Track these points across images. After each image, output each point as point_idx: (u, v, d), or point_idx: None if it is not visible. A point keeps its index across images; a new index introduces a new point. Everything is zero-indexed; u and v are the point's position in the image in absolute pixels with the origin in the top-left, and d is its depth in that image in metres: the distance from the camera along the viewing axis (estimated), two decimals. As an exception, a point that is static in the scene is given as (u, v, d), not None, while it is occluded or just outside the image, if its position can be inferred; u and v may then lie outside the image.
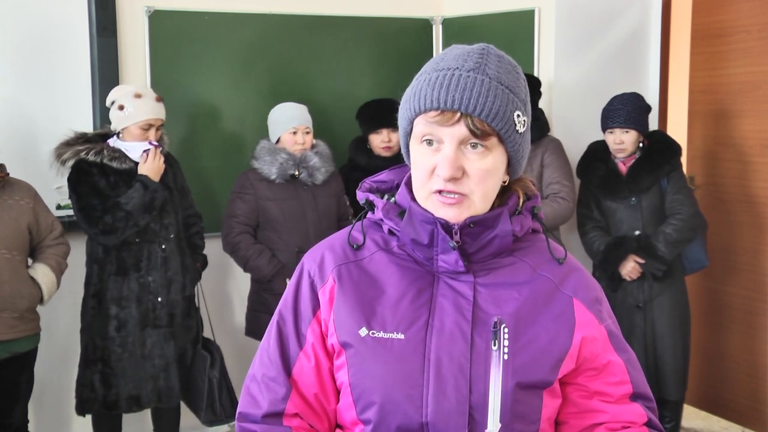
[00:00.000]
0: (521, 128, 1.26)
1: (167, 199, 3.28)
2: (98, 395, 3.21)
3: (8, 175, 3.02)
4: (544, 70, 4.01)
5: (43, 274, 3.06)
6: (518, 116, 1.25)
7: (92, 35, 3.60)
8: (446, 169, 1.22)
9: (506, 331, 1.26)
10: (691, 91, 4.20)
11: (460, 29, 4.29)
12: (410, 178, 1.32)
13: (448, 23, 4.33)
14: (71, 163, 3.17)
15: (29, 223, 3.04)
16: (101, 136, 3.29)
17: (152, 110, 3.24)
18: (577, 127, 3.99)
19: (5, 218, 2.96)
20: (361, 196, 1.39)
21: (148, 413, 3.56)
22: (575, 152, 3.75)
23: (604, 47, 4.11)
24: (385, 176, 1.40)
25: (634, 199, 3.54)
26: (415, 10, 4.32)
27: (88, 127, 3.52)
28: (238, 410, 1.36)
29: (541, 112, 3.73)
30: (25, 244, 3.04)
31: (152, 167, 3.21)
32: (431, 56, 4.13)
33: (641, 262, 3.50)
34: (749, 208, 3.94)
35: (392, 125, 3.69)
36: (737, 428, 4.05)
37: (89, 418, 3.33)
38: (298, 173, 3.49)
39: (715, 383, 4.16)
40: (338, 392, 1.33)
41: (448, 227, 1.26)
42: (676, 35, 4.29)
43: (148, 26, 3.72)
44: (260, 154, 3.51)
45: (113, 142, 3.25)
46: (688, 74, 4.20)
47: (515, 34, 4.06)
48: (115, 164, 3.18)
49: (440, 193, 1.25)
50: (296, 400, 1.32)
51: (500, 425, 1.23)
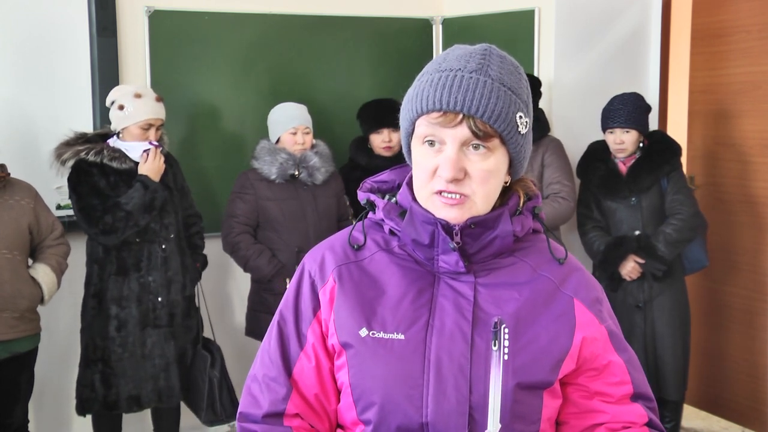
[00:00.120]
0: (523, 129, 1.26)
1: (167, 199, 3.28)
2: (98, 395, 3.21)
3: (9, 175, 3.03)
4: (544, 70, 4.01)
5: (43, 273, 3.06)
6: (520, 117, 1.25)
7: (92, 35, 3.60)
8: (448, 170, 1.22)
9: (506, 331, 1.26)
10: (691, 91, 4.20)
11: (460, 29, 4.28)
12: (411, 178, 1.32)
13: (448, 23, 4.32)
14: (71, 163, 3.17)
15: (30, 223, 3.04)
16: (101, 136, 3.29)
17: (152, 110, 3.24)
18: (577, 127, 3.99)
19: (6, 218, 2.97)
20: (362, 196, 1.38)
21: (148, 413, 3.56)
22: (575, 152, 3.75)
23: (604, 47, 4.11)
24: (386, 176, 1.40)
25: (634, 199, 3.54)
26: (415, 10, 4.32)
27: (88, 127, 3.52)
28: (239, 410, 1.36)
29: (541, 112, 3.73)
30: (25, 244, 3.04)
31: (152, 167, 3.21)
32: (431, 56, 4.15)
33: (641, 262, 3.50)
34: (749, 208, 3.94)
35: (393, 125, 3.69)
36: (737, 428, 4.05)
37: (89, 418, 3.33)
38: (298, 173, 3.49)
39: (715, 383, 4.16)
40: (339, 392, 1.33)
41: (448, 228, 1.26)
42: (676, 35, 4.29)
43: (148, 26, 3.72)
44: (260, 154, 3.51)
45: (113, 142, 3.25)
46: (688, 74, 4.20)
47: (515, 34, 4.06)
48: (115, 164, 3.18)
49: (441, 193, 1.25)
50: (297, 400, 1.32)
51: (500, 425, 1.23)
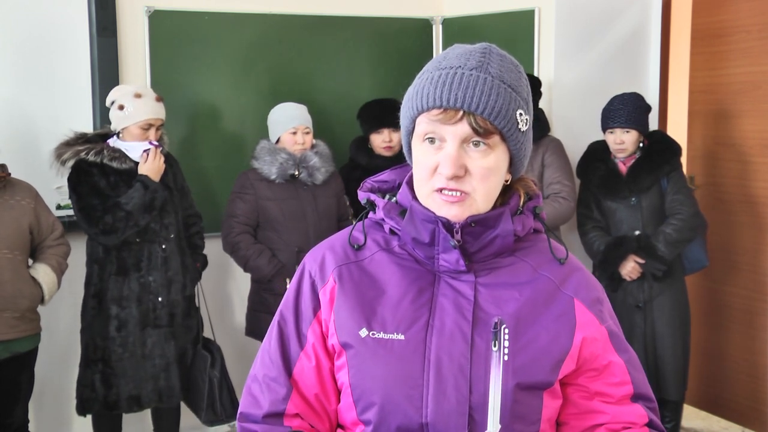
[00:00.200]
0: (523, 127, 1.26)
1: (167, 199, 3.28)
2: (99, 395, 3.21)
3: (9, 175, 3.03)
4: (544, 70, 4.01)
5: (44, 273, 3.06)
6: (521, 115, 1.24)
7: (92, 35, 3.60)
8: (449, 167, 1.22)
9: (506, 331, 1.25)
10: (691, 91, 4.20)
11: (460, 29, 4.28)
12: (411, 177, 1.32)
13: (448, 23, 4.32)
14: (71, 163, 3.17)
15: (30, 223, 3.04)
16: (101, 136, 3.29)
17: (152, 110, 3.24)
18: (577, 127, 3.99)
19: (7, 218, 2.97)
20: (362, 196, 1.38)
21: (148, 413, 3.56)
22: (575, 152, 3.75)
23: (604, 47, 4.11)
24: (386, 176, 1.40)
25: (634, 199, 3.54)
26: (415, 10, 4.32)
27: (88, 127, 3.52)
28: (239, 410, 1.36)
29: (541, 111, 3.73)
30: (26, 244, 3.04)
31: (152, 167, 3.21)
32: (431, 56, 4.14)
33: (641, 262, 3.50)
34: (749, 208, 3.94)
35: (393, 125, 3.69)
36: (737, 428, 4.05)
37: (89, 418, 3.33)
38: (298, 173, 3.49)
39: (715, 383, 4.16)
40: (339, 392, 1.33)
41: (449, 226, 1.26)
42: (676, 35, 4.29)
43: (148, 26, 3.72)
44: (260, 154, 3.51)
45: (113, 142, 3.25)
46: (688, 74, 4.20)
47: (515, 34, 4.06)
48: (115, 164, 3.18)
49: (442, 191, 1.25)
50: (297, 400, 1.32)
51: (500, 426, 1.23)
